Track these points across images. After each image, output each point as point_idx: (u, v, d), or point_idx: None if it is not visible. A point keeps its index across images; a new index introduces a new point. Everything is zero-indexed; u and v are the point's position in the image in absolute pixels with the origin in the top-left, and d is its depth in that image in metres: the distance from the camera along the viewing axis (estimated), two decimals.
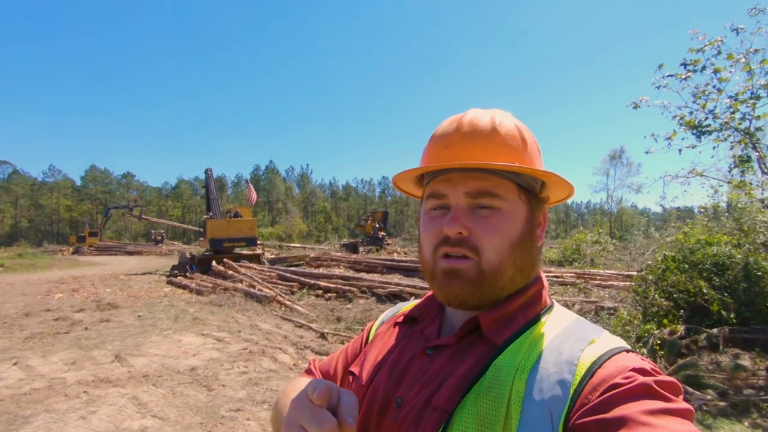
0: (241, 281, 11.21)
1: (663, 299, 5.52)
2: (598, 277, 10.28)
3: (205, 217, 17.67)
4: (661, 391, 0.46)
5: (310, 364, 0.82)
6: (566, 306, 6.74)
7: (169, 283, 12.86)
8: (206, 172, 18.85)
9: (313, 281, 10.60)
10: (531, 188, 0.63)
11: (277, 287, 10.42)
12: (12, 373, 4.67)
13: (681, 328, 5.08)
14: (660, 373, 0.49)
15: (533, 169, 0.59)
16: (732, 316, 5.21)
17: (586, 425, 0.45)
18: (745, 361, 4.61)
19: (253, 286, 10.37)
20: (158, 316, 7.84)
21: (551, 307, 0.63)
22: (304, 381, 0.72)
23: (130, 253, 33.43)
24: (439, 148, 0.63)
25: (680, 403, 0.46)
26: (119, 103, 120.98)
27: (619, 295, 7.18)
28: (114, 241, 45.83)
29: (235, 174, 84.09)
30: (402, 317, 0.73)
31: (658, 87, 5.86)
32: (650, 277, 6.00)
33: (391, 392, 0.60)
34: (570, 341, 0.54)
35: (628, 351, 0.53)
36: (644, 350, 4.63)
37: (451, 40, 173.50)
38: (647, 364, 0.50)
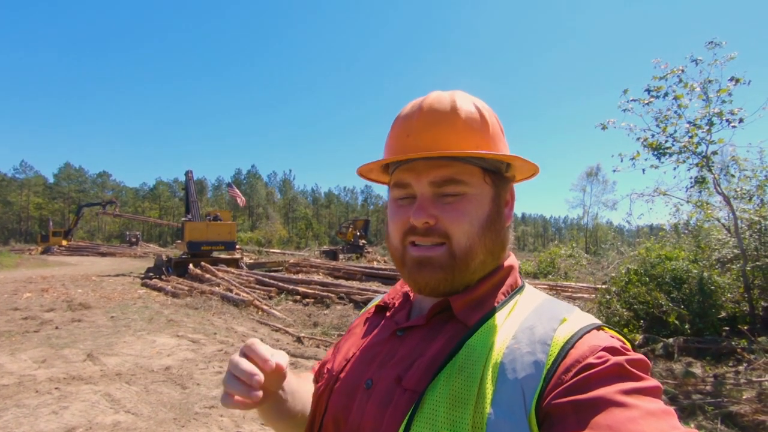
0: (218, 285, 11.13)
1: (624, 310, 5.84)
2: (569, 289, 10.64)
3: (183, 219, 17.45)
4: (633, 370, 0.47)
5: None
6: None
7: (144, 285, 12.65)
8: (186, 173, 18.64)
9: (291, 287, 10.63)
10: (496, 170, 0.63)
11: (255, 292, 10.40)
12: None
13: (640, 337, 5.39)
14: (630, 351, 0.51)
15: (495, 153, 0.59)
16: (687, 326, 5.56)
17: (561, 406, 0.45)
18: (697, 369, 4.93)
19: (231, 290, 10.33)
20: (132, 317, 7.75)
21: (522, 287, 0.64)
22: (309, 376, 0.77)
23: (103, 255, 32.45)
24: (401, 136, 0.62)
25: (651, 381, 0.47)
26: (97, 101, 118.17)
27: (586, 306, 7.50)
28: (86, 241, 44.38)
29: (216, 177, 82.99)
30: (373, 308, 0.74)
31: (624, 110, 6.25)
32: (613, 289, 6.32)
33: (360, 374, 0.60)
34: (542, 320, 0.54)
35: (598, 328, 0.53)
36: None
37: (434, 50, 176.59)
38: (617, 342, 0.51)
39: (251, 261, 17.92)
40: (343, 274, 14.07)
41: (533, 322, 0.54)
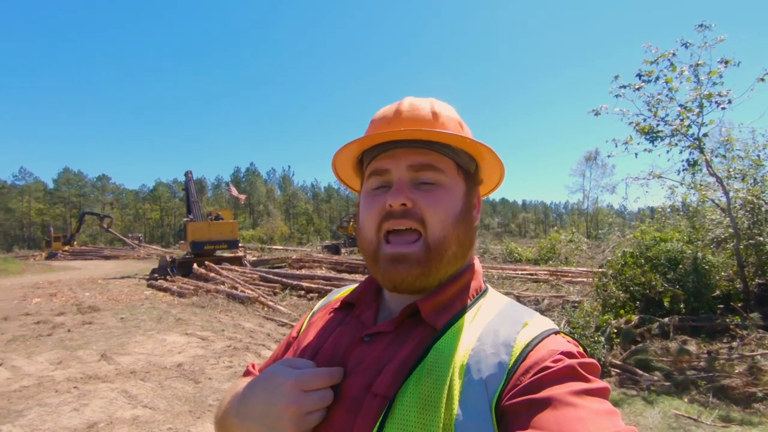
0: (223, 283, 11.30)
1: (621, 292, 5.99)
2: (569, 274, 10.80)
3: (185, 219, 17.57)
4: (584, 372, 0.50)
5: (248, 366, 0.78)
6: (537, 301, 7.19)
7: (150, 286, 12.82)
8: (186, 174, 18.74)
9: (295, 282, 10.80)
10: (467, 168, 0.65)
11: (259, 288, 10.57)
12: None
13: (635, 318, 5.54)
14: (584, 356, 0.53)
15: (474, 140, 0.61)
16: (682, 306, 5.71)
17: (515, 405, 0.47)
18: (692, 346, 5.09)
19: (236, 288, 10.50)
20: (141, 318, 7.93)
21: (486, 291, 0.66)
22: (243, 381, 0.68)
23: (107, 258, 32.68)
24: (381, 126, 0.63)
25: (599, 383, 0.50)
26: (94, 104, 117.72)
27: (585, 290, 7.65)
28: (89, 245, 44.62)
29: (215, 176, 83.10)
30: (339, 302, 0.72)
31: (616, 96, 6.34)
32: (610, 272, 6.47)
33: None
34: (506, 324, 0.56)
35: (556, 333, 0.56)
36: (602, 338, 5.04)
37: (436, 46, 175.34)
38: (573, 347, 0.54)
39: (254, 258, 18.08)
40: (345, 268, 14.25)
41: (497, 326, 0.56)
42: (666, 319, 5.46)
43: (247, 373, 0.75)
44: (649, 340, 5.28)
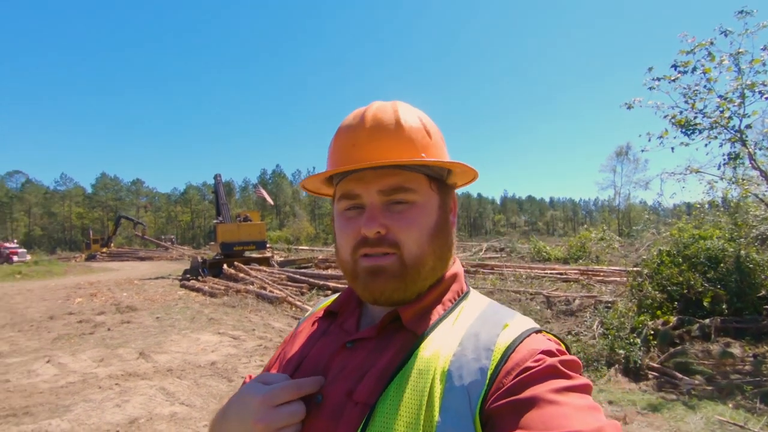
0: (252, 283, 11.56)
1: (657, 292, 5.76)
2: (601, 273, 10.46)
3: (215, 221, 18.08)
4: (565, 370, 0.50)
5: (246, 378, 0.76)
6: (568, 301, 7.02)
7: (183, 286, 13.27)
8: (215, 177, 19.28)
9: (321, 282, 10.93)
10: (439, 177, 0.64)
11: (287, 288, 10.76)
12: (46, 370, 5.04)
13: (673, 319, 5.32)
14: (565, 353, 0.54)
15: (443, 161, 0.61)
16: (724, 307, 5.44)
17: (500, 408, 0.48)
18: (736, 349, 4.85)
19: (264, 288, 10.72)
20: (175, 317, 8.21)
21: (467, 293, 0.66)
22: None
23: (142, 259, 34.08)
24: (346, 147, 0.62)
25: (581, 380, 0.50)
26: (129, 112, 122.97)
27: (618, 290, 7.40)
28: (125, 247, 46.58)
29: (242, 179, 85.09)
30: (322, 312, 0.72)
31: (650, 89, 6.10)
32: (645, 271, 6.24)
33: None
34: (486, 327, 0.57)
35: (537, 332, 0.56)
36: (638, 340, 4.87)
37: (462, 44, 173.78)
38: (553, 345, 0.54)
39: (281, 259, 18.41)
40: None
41: (478, 329, 0.56)
42: (707, 321, 5.22)
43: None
44: (689, 342, 5.06)
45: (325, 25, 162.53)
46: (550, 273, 11.11)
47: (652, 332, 5.10)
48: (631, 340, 4.87)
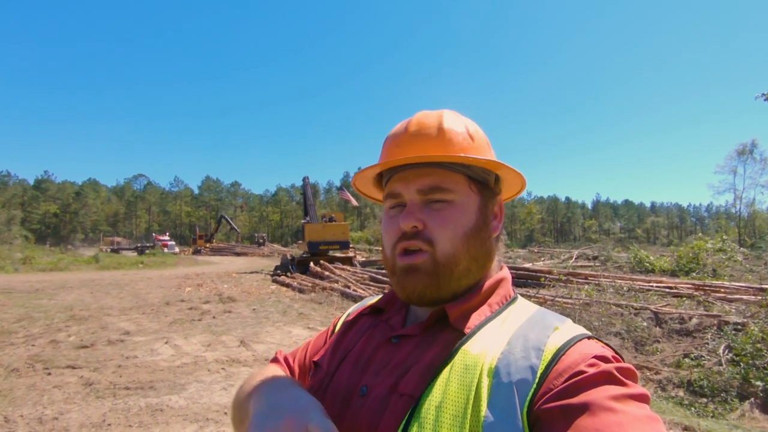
0: (336, 282, 12.01)
1: None
2: (721, 290, 9.09)
3: (302, 221, 19.14)
4: (621, 377, 0.49)
5: (276, 353, 0.82)
6: (682, 319, 6.19)
7: (274, 281, 14.22)
8: (303, 179, 20.41)
9: None
10: (483, 180, 0.65)
11: (369, 288, 10.98)
12: (165, 350, 5.68)
13: None
14: (620, 360, 0.52)
15: (475, 157, 0.60)
16: None
17: (550, 410, 0.46)
18: None
19: (348, 287, 11.06)
20: (269, 310, 8.80)
21: (515, 299, 0.66)
22: (272, 369, 0.74)
23: (238, 254, 37.33)
24: (390, 148, 0.66)
25: (638, 389, 0.48)
26: (229, 119, 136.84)
27: (749, 310, 6.35)
28: (224, 243, 51.52)
29: (326, 181, 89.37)
30: (368, 309, 0.74)
31: None
32: None
33: (355, 381, 0.60)
34: (536, 329, 0.56)
35: (589, 338, 0.55)
36: None
37: (545, 39, 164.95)
38: (608, 351, 0.53)
39: (363, 259, 18.90)
40: None
41: (526, 331, 0.56)
42: None
43: (274, 360, 0.80)
44: None
45: (416, 30, 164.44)
46: (656, 286, 9.92)
47: None
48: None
